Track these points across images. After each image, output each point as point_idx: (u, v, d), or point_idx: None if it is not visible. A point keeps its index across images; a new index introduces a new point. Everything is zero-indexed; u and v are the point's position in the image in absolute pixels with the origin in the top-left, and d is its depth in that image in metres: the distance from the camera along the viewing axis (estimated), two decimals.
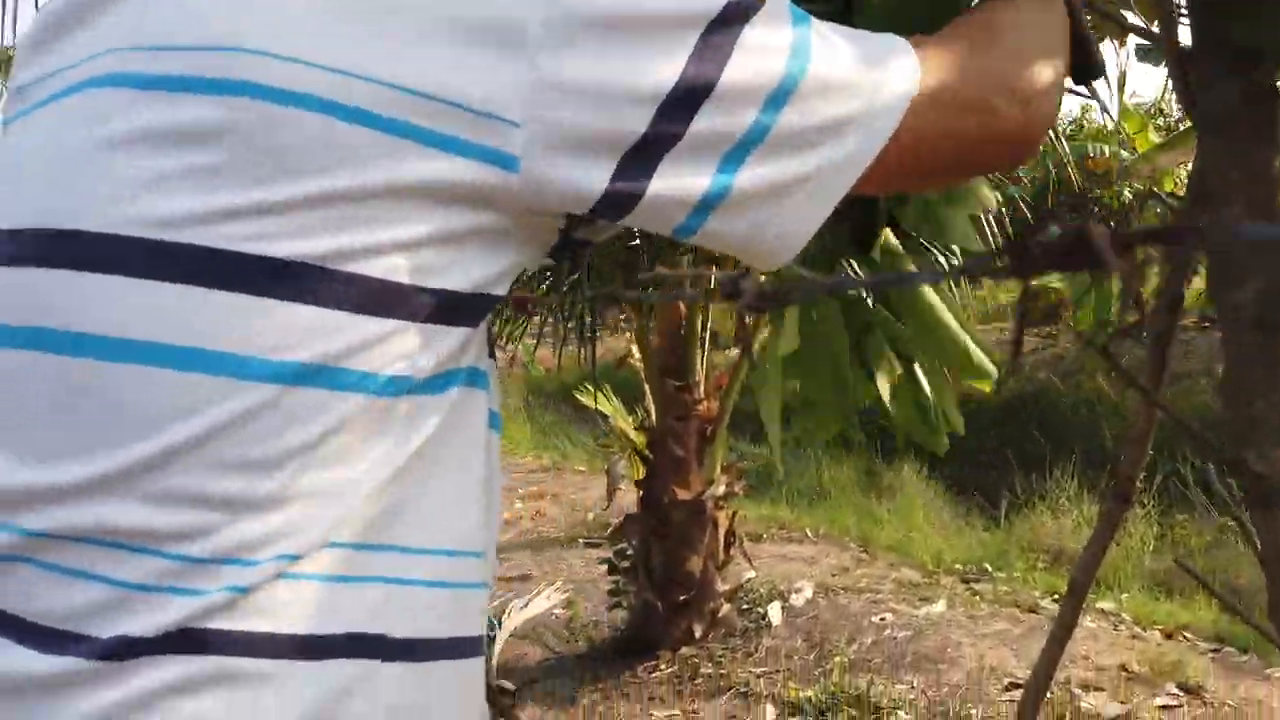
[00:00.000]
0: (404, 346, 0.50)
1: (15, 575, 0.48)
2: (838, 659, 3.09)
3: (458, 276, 0.51)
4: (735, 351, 3.44)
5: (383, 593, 0.50)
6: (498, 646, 3.45)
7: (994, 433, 5.88)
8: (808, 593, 3.75)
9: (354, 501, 0.49)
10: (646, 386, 3.44)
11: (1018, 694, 2.66)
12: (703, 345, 3.33)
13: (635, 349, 3.51)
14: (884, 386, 0.98)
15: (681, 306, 3.28)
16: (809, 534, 4.75)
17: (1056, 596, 3.51)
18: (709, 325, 3.38)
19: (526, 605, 3.75)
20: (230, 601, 0.47)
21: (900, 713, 2.74)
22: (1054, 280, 6.68)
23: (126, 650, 0.46)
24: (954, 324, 0.96)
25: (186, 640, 0.46)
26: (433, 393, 0.52)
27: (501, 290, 0.54)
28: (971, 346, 0.97)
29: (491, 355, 0.61)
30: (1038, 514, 4.71)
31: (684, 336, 3.28)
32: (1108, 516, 0.86)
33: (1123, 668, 2.95)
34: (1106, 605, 3.57)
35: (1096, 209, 6.34)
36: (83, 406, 0.47)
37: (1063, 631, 2.05)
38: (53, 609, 0.47)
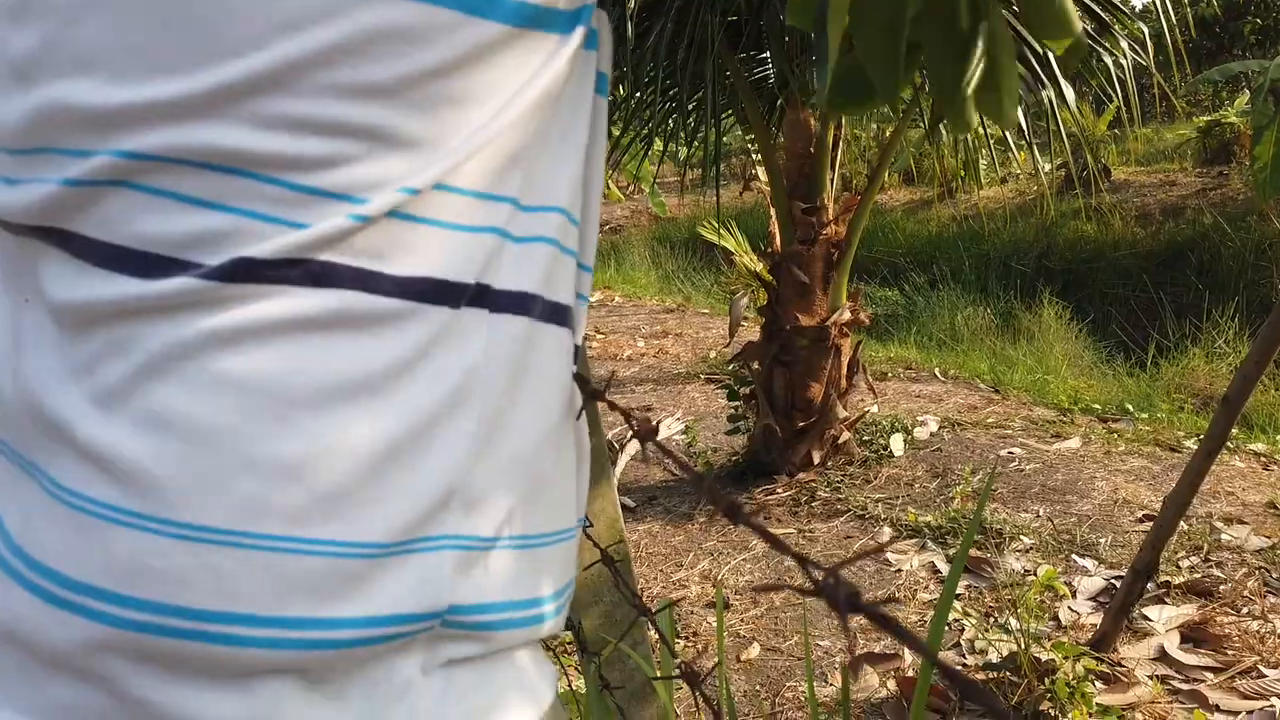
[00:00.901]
0: None
1: (116, 200, 0.45)
2: (960, 488, 3.04)
3: None
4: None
5: (496, 242, 0.50)
6: (619, 467, 3.56)
7: (1146, 279, 5.50)
8: (932, 426, 3.68)
9: (476, 144, 0.48)
10: (772, 210, 3.33)
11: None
12: (833, 164, 3.18)
13: (761, 171, 3.38)
14: None
15: (811, 122, 3.12)
16: (938, 374, 4.62)
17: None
18: (840, 142, 3.21)
19: None
20: (345, 233, 0.45)
21: (1024, 538, 2.68)
22: (1231, 114, 6.05)
23: (243, 273, 0.44)
24: None
25: (305, 272, 0.45)
26: (559, 30, 0.50)
27: None
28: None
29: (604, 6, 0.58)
30: (1189, 358, 4.41)
31: (814, 154, 3.13)
32: (1277, 314, 0.77)
33: (1270, 505, 2.79)
34: (1258, 447, 3.36)
35: None
36: (190, 19, 0.44)
37: (1212, 444, 1.91)
38: (157, 234, 0.45)
